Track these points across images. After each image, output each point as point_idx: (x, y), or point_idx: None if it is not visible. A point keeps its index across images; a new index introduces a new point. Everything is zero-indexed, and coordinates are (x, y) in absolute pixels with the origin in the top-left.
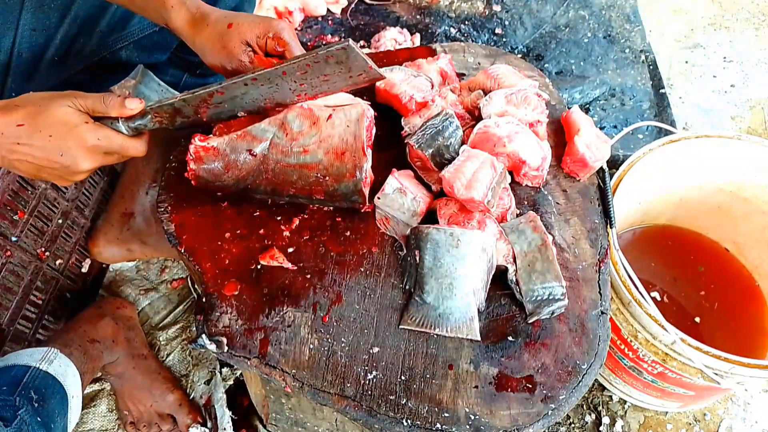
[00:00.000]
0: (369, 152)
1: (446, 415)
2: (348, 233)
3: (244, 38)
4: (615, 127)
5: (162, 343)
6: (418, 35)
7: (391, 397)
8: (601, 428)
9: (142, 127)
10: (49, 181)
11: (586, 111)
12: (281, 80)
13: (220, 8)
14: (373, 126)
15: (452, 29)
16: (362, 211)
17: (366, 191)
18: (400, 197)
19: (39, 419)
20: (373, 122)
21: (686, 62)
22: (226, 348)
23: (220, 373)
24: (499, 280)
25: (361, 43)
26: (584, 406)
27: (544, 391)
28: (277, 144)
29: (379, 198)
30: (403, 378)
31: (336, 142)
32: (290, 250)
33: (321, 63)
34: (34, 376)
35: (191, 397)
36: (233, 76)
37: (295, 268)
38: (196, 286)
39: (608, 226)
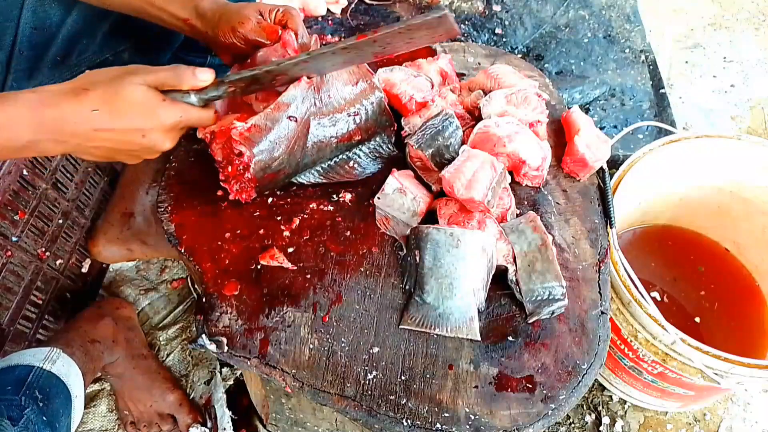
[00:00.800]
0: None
1: (446, 415)
2: (348, 233)
3: (257, 8)
4: (615, 127)
5: (162, 343)
6: None
7: (391, 397)
8: (601, 428)
9: (215, 97)
10: (122, 161)
11: (586, 111)
12: (369, 47)
13: None
14: None
15: None
16: (392, 130)
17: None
18: (400, 197)
19: (44, 418)
20: None
21: (686, 62)
22: (226, 348)
23: (220, 373)
24: (499, 280)
25: None
26: (584, 406)
27: (544, 391)
28: (307, 99)
29: (379, 198)
30: (403, 378)
31: (346, 75)
32: (290, 250)
33: (413, 30)
34: (38, 376)
35: (191, 397)
36: (238, 38)
37: (295, 268)
38: (196, 286)
39: (608, 226)
